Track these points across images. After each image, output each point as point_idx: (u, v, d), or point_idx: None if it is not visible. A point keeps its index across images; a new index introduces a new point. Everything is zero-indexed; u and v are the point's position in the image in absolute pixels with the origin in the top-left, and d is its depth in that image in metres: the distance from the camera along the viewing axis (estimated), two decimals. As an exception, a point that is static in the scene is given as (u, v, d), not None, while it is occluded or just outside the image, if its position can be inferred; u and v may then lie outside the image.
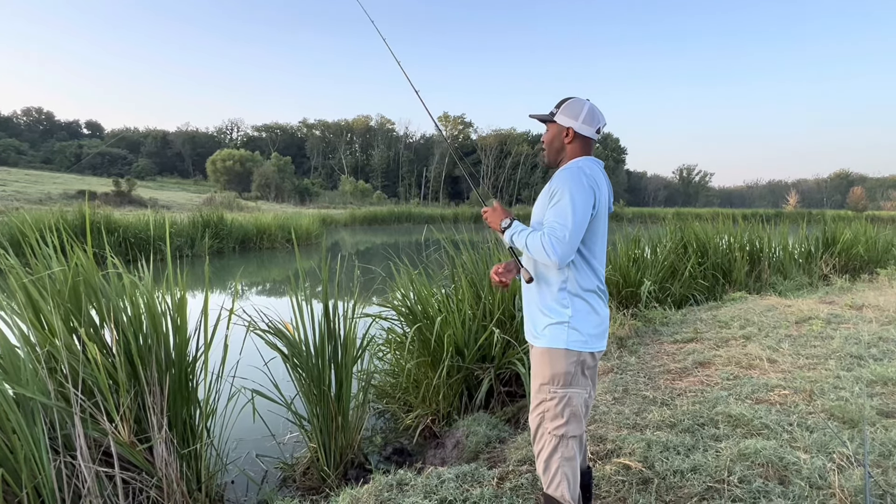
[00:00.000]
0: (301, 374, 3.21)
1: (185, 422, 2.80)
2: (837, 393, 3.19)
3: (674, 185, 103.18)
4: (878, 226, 10.96)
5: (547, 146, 2.01)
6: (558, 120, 1.94)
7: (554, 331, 1.84)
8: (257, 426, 3.21)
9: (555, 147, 1.98)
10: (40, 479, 2.26)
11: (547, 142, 2.00)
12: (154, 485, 2.54)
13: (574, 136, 1.92)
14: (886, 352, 4.00)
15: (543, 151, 2.04)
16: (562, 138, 1.94)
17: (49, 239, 2.76)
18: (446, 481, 2.41)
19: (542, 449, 1.88)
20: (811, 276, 8.27)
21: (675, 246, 7.42)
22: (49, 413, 2.38)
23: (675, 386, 3.58)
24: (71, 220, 12.17)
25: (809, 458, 2.40)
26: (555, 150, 1.98)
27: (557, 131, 1.96)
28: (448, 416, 3.89)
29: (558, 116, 1.94)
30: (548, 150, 2.01)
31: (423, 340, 4.01)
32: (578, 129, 1.90)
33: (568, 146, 1.94)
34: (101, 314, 2.64)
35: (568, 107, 1.93)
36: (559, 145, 1.96)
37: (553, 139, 1.98)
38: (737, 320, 5.20)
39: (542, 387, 1.87)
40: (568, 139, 1.93)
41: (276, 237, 18.95)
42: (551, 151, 2.00)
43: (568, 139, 1.93)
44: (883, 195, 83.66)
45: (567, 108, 1.92)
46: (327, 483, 3.12)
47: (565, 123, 1.92)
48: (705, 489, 2.24)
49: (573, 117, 1.91)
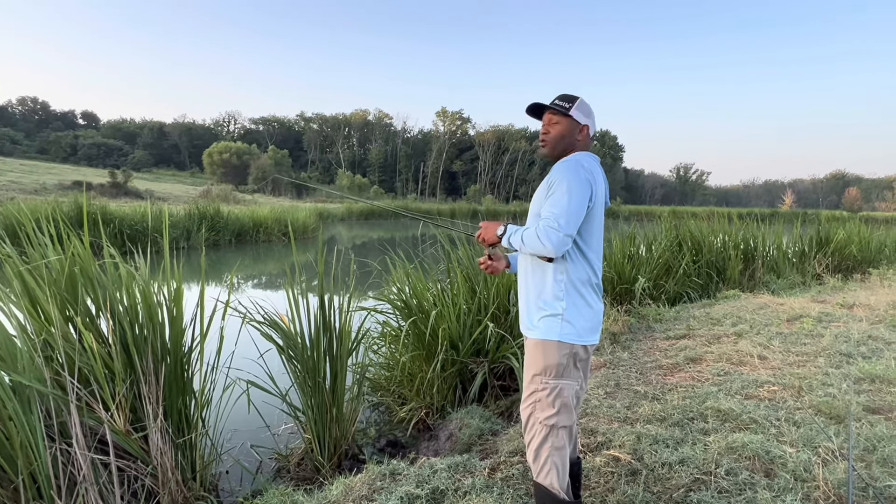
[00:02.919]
0: (296, 366, 3.23)
1: (181, 411, 2.82)
2: (825, 389, 3.24)
3: (671, 183, 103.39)
4: (872, 226, 11.04)
5: (557, 139, 1.97)
6: (574, 115, 1.94)
7: (548, 323, 1.87)
8: (252, 417, 3.24)
9: (567, 141, 1.97)
10: (36, 466, 2.27)
11: (557, 135, 1.97)
12: (149, 473, 2.57)
13: (587, 134, 1.97)
14: (875, 350, 4.06)
15: (543, 143, 2.01)
16: (575, 134, 1.96)
17: (45, 228, 2.77)
18: (438, 471, 2.44)
19: (532, 438, 1.91)
20: (804, 276, 8.34)
21: (670, 244, 7.47)
22: (45, 401, 2.40)
23: (667, 381, 3.63)
24: (67, 211, 12.13)
25: (795, 451, 2.44)
26: (565, 145, 1.97)
27: (573, 127, 1.96)
28: (442, 409, 3.92)
29: (574, 111, 1.94)
30: (556, 143, 1.97)
31: (418, 334, 4.03)
32: (593, 128, 1.99)
33: (579, 143, 1.97)
34: (98, 303, 2.66)
35: (582, 105, 1.96)
36: (571, 140, 1.96)
37: (566, 133, 1.96)
38: (729, 318, 5.25)
39: (535, 377, 1.90)
40: (581, 136, 1.97)
41: (273, 230, 18.93)
42: (560, 145, 1.97)
43: (581, 136, 1.97)
44: (878, 196, 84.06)
45: (582, 105, 1.95)
46: (321, 473, 3.15)
47: (582, 121, 1.95)
48: (692, 481, 2.28)
49: (587, 115, 1.96)
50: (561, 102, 1.96)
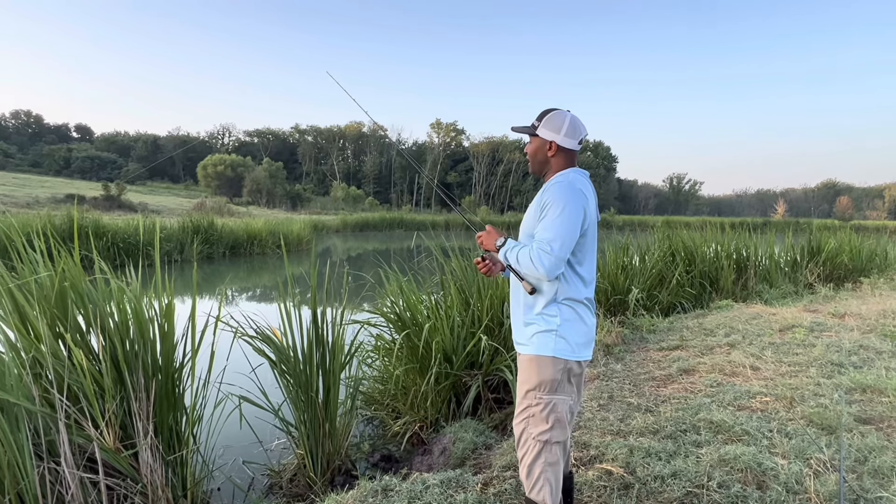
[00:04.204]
0: (289, 381, 3.22)
1: (172, 428, 2.80)
2: (817, 400, 3.25)
3: (664, 193, 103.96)
4: (863, 235, 11.15)
5: (531, 158, 2.03)
6: (541, 133, 1.96)
7: (542, 339, 1.87)
8: (244, 432, 3.21)
9: (538, 160, 2.00)
10: (23, 486, 2.25)
11: (530, 154, 2.03)
12: (139, 491, 2.54)
13: (557, 149, 1.95)
14: (866, 359, 4.08)
15: (529, 164, 2.06)
16: (545, 151, 1.97)
17: (36, 243, 2.76)
18: (431, 487, 2.43)
19: (525, 454, 1.91)
20: (796, 285, 8.39)
21: (663, 254, 7.51)
22: (33, 419, 2.37)
23: (660, 393, 3.63)
24: (59, 225, 12.08)
25: (787, 463, 2.45)
26: (539, 163, 2.01)
27: (540, 144, 1.98)
28: (436, 423, 3.90)
29: (540, 130, 1.96)
30: (532, 161, 2.03)
31: (412, 347, 4.02)
32: (561, 143, 1.94)
33: (552, 159, 1.97)
34: (88, 319, 2.64)
35: (550, 120, 1.95)
36: (543, 158, 1.99)
37: (536, 152, 2.00)
38: (722, 328, 5.27)
39: (529, 393, 1.90)
40: (551, 153, 1.96)
41: (267, 243, 18.88)
42: (535, 163, 2.02)
43: (551, 153, 1.96)
44: (869, 205, 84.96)
45: (549, 121, 1.95)
46: (314, 490, 3.12)
47: (548, 137, 1.95)
48: (685, 494, 2.27)
49: (555, 130, 1.94)
50: (533, 122, 2.00)
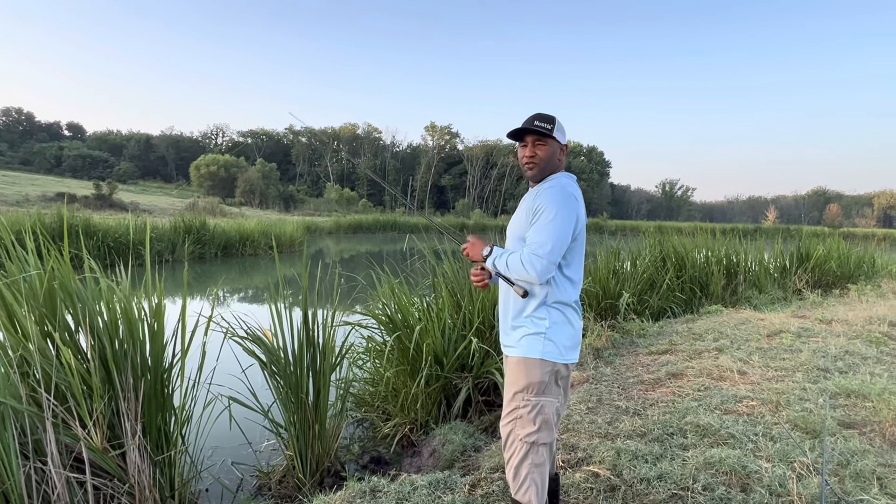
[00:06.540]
0: (279, 382, 3.22)
1: (160, 428, 2.79)
2: (802, 404, 3.29)
3: (657, 198, 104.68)
4: (852, 242, 11.28)
5: (545, 162, 1.96)
6: (557, 137, 1.96)
7: (530, 341, 1.89)
8: (234, 433, 3.20)
9: (552, 164, 1.98)
10: (9, 485, 2.23)
11: (545, 157, 1.96)
12: (126, 491, 2.53)
13: (566, 152, 2.02)
14: (852, 365, 4.13)
15: (531, 167, 1.98)
16: (559, 155, 1.99)
17: (26, 241, 2.75)
18: (419, 488, 2.44)
19: (512, 455, 1.92)
20: (785, 291, 8.47)
21: (654, 259, 7.57)
22: (20, 418, 2.36)
23: (648, 396, 3.66)
24: (49, 223, 11.97)
25: (771, 466, 2.48)
26: (552, 167, 1.98)
27: (556, 149, 1.97)
28: (426, 425, 3.91)
29: (556, 133, 1.95)
30: (544, 166, 1.96)
31: (403, 349, 4.03)
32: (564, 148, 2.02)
33: (560, 162, 2.01)
34: (77, 318, 2.63)
35: (559, 125, 1.98)
36: (556, 161, 1.98)
37: (552, 156, 1.97)
38: (711, 333, 5.31)
39: (516, 395, 1.91)
40: (563, 156, 2.01)
41: (259, 244, 18.81)
42: (547, 168, 1.97)
43: (563, 156, 2.01)
44: (858, 212, 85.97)
45: (559, 125, 1.98)
46: (303, 491, 3.12)
47: (563, 141, 1.99)
48: (670, 496, 2.30)
49: (564, 135, 1.99)
50: (543, 124, 1.95)
